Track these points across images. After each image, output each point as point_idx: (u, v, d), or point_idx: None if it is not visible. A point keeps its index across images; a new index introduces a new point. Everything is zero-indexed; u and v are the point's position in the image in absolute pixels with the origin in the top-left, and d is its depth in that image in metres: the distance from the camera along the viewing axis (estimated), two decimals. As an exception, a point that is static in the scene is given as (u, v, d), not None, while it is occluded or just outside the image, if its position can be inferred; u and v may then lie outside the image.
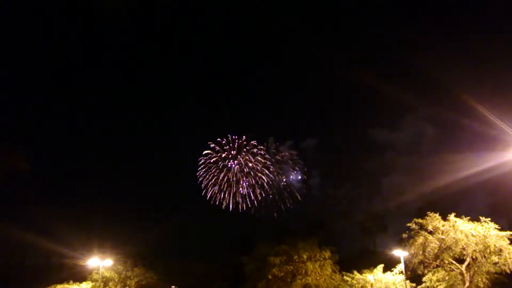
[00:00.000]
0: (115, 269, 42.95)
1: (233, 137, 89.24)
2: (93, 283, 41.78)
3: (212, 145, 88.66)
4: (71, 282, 42.00)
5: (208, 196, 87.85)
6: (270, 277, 37.86)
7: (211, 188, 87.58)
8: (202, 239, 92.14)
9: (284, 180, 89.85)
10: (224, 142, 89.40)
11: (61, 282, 40.77)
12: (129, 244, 52.62)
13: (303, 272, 37.62)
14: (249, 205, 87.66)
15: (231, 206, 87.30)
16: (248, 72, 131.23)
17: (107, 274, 42.09)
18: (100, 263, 40.96)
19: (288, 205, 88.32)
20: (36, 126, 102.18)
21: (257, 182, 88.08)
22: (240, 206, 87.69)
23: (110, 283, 42.31)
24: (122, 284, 42.97)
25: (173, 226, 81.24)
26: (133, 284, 43.34)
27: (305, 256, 38.17)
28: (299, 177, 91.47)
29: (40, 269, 51.30)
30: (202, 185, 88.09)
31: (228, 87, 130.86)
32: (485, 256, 28.41)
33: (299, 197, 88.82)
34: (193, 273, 51.98)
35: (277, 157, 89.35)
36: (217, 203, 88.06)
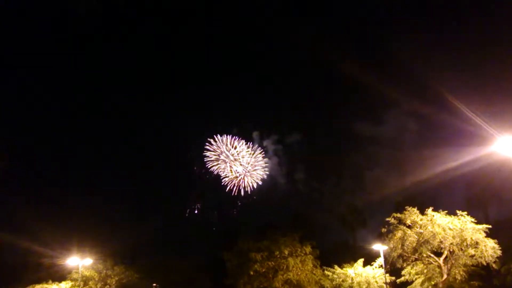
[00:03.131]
0: (95, 268, 42.28)
1: (223, 135, 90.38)
2: (73, 283, 41.14)
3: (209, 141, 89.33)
4: (50, 281, 41.25)
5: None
6: (251, 273, 37.85)
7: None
8: (185, 236, 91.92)
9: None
10: (212, 140, 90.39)
11: (39, 281, 40.04)
12: (109, 243, 52.02)
13: (285, 267, 37.72)
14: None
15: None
16: (233, 68, 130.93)
17: (87, 273, 41.40)
18: (79, 262, 40.31)
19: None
20: (13, 122, 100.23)
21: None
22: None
23: (90, 282, 41.67)
24: (102, 283, 42.37)
25: (155, 224, 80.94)
26: (113, 282, 42.77)
27: (286, 252, 38.27)
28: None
29: (17, 269, 50.30)
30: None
31: (213, 84, 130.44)
32: (462, 249, 28.95)
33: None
34: (175, 270, 51.67)
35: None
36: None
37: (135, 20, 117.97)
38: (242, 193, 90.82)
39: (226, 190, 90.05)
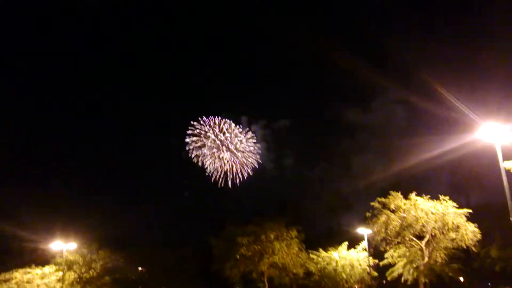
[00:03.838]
0: (80, 253, 42.01)
1: (209, 118, 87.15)
2: (57, 267, 40.88)
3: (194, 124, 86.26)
4: (33, 266, 40.95)
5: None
6: (238, 256, 38.14)
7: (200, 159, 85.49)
8: (173, 222, 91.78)
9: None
10: (200, 124, 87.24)
11: (22, 266, 39.72)
12: (95, 229, 51.63)
13: (271, 251, 38.09)
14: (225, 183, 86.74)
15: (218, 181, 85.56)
16: (221, 52, 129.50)
17: (71, 257, 41.14)
18: (63, 246, 40.01)
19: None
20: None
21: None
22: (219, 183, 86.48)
23: (75, 267, 41.47)
24: (87, 267, 42.23)
25: (143, 211, 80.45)
26: (98, 267, 42.62)
27: (272, 236, 38.60)
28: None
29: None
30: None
31: (200, 69, 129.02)
32: (443, 233, 29.56)
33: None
34: (162, 256, 51.67)
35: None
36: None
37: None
38: (230, 184, 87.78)
39: (212, 181, 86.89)
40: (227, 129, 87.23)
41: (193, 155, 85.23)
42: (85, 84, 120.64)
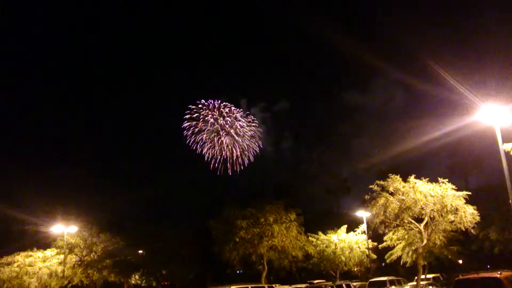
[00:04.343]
0: (81, 236, 42.26)
1: (208, 101, 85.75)
2: (58, 250, 41.21)
3: (192, 108, 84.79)
4: (34, 249, 41.30)
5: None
6: (237, 239, 38.29)
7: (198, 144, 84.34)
8: (173, 205, 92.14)
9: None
10: (200, 106, 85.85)
11: (23, 249, 40.06)
12: (95, 212, 51.97)
13: (270, 234, 38.19)
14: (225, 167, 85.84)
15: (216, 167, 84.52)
16: (220, 36, 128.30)
17: (72, 240, 41.41)
18: (64, 229, 40.29)
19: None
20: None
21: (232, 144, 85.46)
22: (218, 169, 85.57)
23: (76, 250, 41.76)
24: (88, 250, 42.54)
25: (142, 194, 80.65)
26: (99, 249, 42.94)
27: (271, 219, 38.67)
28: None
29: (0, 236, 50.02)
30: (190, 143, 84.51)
31: (199, 52, 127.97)
32: (442, 215, 29.46)
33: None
34: (162, 238, 52.05)
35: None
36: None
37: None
38: (230, 172, 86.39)
39: (210, 168, 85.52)
40: (227, 113, 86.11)
41: (191, 141, 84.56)
42: (84, 69, 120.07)
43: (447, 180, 30.12)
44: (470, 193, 30.03)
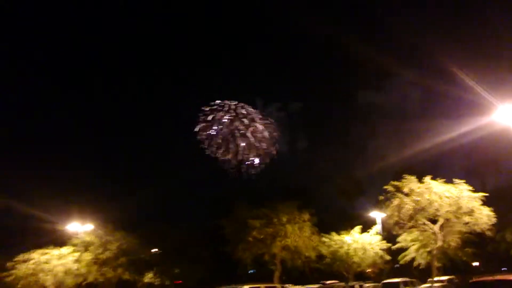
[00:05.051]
0: (96, 234, 42.74)
1: (223, 102, 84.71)
2: (74, 248, 41.72)
3: (206, 109, 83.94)
4: (50, 247, 41.86)
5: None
6: (250, 239, 38.36)
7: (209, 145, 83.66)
8: (185, 203, 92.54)
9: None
10: (212, 109, 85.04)
11: (40, 246, 40.60)
12: (110, 210, 52.46)
13: (283, 234, 38.17)
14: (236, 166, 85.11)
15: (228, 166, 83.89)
16: (235, 36, 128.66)
17: (87, 238, 41.89)
18: (80, 227, 40.81)
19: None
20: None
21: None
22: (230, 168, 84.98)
23: (91, 248, 42.19)
24: (103, 248, 42.89)
25: (156, 191, 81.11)
26: (114, 248, 43.28)
27: (284, 219, 38.65)
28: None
29: (16, 233, 50.77)
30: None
31: (216, 52, 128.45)
32: (457, 217, 29.18)
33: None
34: (175, 236, 52.40)
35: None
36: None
37: None
38: (244, 173, 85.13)
39: (224, 169, 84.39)
40: (243, 114, 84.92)
41: (205, 143, 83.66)
42: (95, 72, 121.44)
43: (463, 181, 29.82)
44: (486, 194, 29.67)
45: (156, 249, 48.26)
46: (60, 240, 43.40)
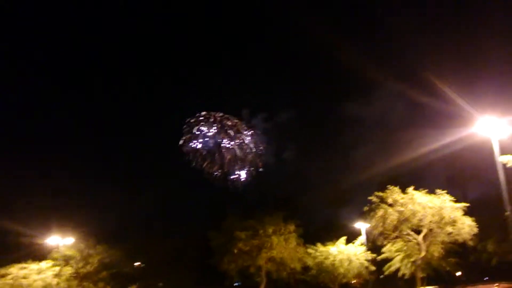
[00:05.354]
0: (77, 247, 41.91)
1: (208, 113, 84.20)
2: (53, 262, 40.75)
3: (192, 120, 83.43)
4: (29, 261, 40.76)
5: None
6: (236, 251, 38.16)
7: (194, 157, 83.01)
8: (170, 214, 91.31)
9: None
10: (200, 119, 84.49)
11: (18, 261, 39.53)
12: (91, 223, 51.44)
13: (269, 245, 38.09)
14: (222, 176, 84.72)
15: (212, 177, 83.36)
16: (221, 46, 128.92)
17: (68, 252, 41.02)
18: (60, 241, 39.91)
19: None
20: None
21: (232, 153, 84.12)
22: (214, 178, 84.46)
23: (71, 262, 41.32)
24: (84, 262, 42.09)
25: (140, 202, 79.90)
26: (95, 261, 42.50)
27: (270, 230, 38.59)
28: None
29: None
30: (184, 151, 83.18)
31: (202, 62, 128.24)
32: (440, 227, 29.53)
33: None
34: (160, 248, 51.70)
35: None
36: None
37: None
38: (231, 184, 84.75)
39: (210, 180, 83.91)
40: (229, 126, 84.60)
41: (190, 155, 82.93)
42: (85, 75, 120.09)
43: (445, 191, 30.24)
44: (468, 204, 30.13)
45: (139, 263, 47.45)
46: (39, 254, 42.31)
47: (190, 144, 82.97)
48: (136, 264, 48.25)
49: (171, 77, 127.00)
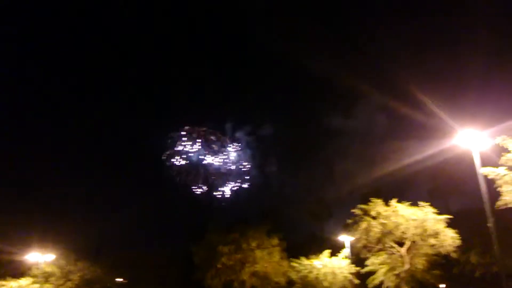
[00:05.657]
0: (57, 264, 41.02)
1: (194, 128, 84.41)
2: (33, 279, 39.77)
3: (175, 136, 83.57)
4: (8, 278, 39.73)
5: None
6: (219, 266, 37.74)
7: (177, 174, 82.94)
8: (152, 230, 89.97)
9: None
10: (183, 133, 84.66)
11: (-4, 278, 38.52)
12: (72, 238, 50.47)
13: (252, 260, 37.80)
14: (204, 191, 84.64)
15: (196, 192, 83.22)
16: (202, 62, 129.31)
17: (48, 269, 40.07)
18: (40, 257, 39.04)
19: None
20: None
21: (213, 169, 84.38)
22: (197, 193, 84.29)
23: (52, 278, 40.35)
24: (65, 279, 41.17)
25: (122, 218, 78.54)
26: (76, 278, 41.63)
27: (254, 244, 38.34)
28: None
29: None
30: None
31: (186, 77, 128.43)
32: (423, 239, 29.64)
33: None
34: (142, 265, 50.90)
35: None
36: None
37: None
38: (214, 198, 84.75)
39: (193, 194, 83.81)
40: (212, 140, 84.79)
41: (174, 172, 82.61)
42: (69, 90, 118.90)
43: (428, 204, 30.44)
44: (451, 216, 30.34)
45: (122, 279, 46.55)
46: (18, 271, 41.30)
47: (173, 159, 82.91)
48: (118, 280, 47.26)
49: (153, 92, 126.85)
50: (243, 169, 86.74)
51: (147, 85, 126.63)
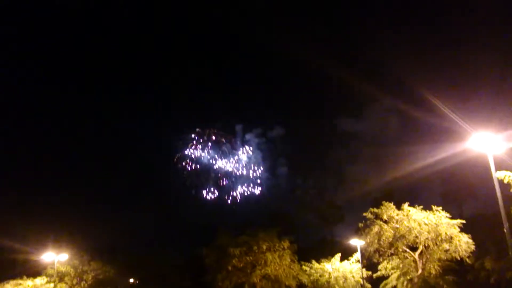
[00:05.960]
0: (71, 264, 41.64)
1: (204, 130, 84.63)
2: (48, 278, 40.41)
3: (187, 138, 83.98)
4: (24, 277, 40.46)
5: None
6: (230, 268, 37.78)
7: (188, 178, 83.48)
8: (164, 231, 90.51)
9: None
10: (193, 135, 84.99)
11: (13, 278, 39.21)
12: (87, 239, 51.16)
13: (263, 262, 37.71)
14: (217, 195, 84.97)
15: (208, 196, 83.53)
16: (213, 62, 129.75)
17: (62, 269, 40.69)
18: (55, 257, 39.57)
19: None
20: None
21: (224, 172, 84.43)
22: (208, 196, 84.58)
23: (66, 278, 41.02)
24: (78, 279, 41.77)
25: (134, 220, 79.28)
26: (89, 278, 42.23)
27: (264, 247, 38.27)
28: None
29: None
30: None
31: (196, 78, 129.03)
32: (436, 244, 29.33)
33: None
34: (154, 266, 51.27)
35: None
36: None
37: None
38: (225, 201, 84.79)
39: (204, 197, 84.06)
40: (223, 142, 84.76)
41: (185, 174, 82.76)
42: (78, 92, 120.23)
43: (441, 208, 30.12)
44: (464, 221, 29.97)
45: (134, 280, 46.98)
46: (34, 271, 42.05)
47: (184, 161, 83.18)
48: (131, 280, 47.73)
49: (163, 95, 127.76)
50: (254, 173, 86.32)
51: (157, 88, 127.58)
